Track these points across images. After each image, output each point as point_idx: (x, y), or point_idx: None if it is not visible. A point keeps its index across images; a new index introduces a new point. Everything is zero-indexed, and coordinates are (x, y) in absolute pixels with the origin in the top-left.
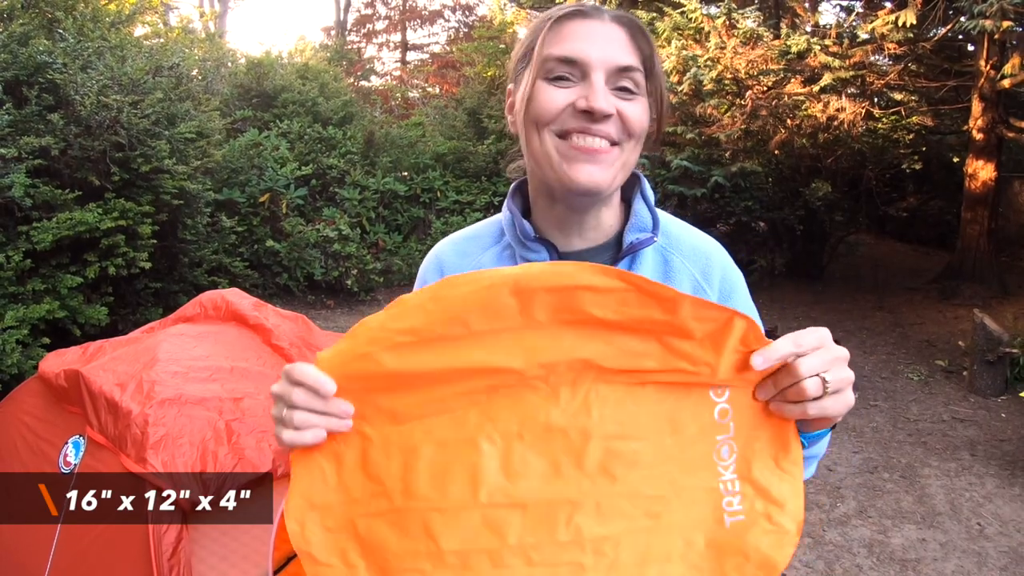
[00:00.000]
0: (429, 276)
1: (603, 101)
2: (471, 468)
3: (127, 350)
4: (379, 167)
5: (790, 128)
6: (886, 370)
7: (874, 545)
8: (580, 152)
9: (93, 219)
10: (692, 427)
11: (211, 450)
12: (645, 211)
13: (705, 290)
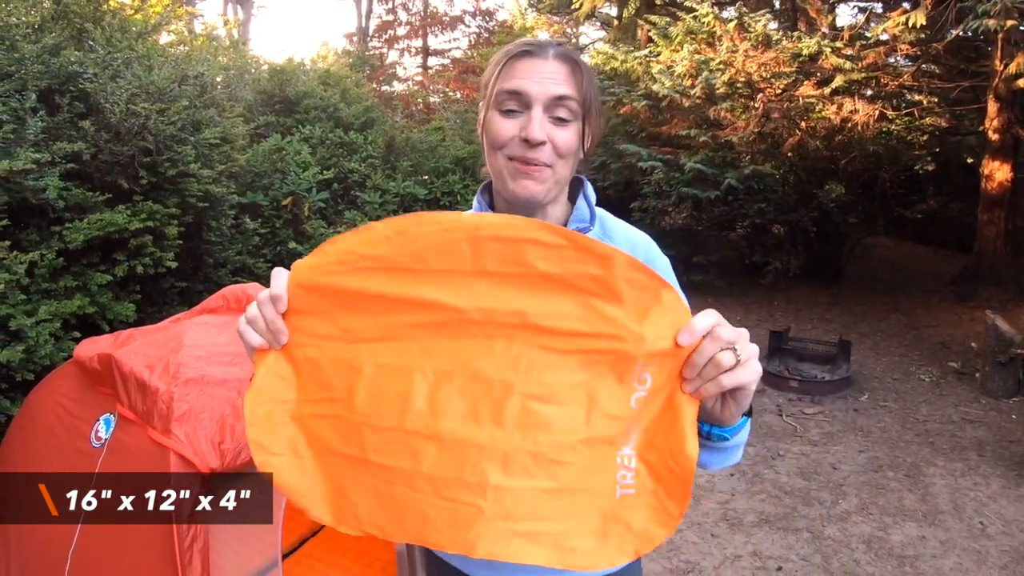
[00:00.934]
0: None
1: (538, 132)
2: (402, 395)
3: (156, 336)
4: (399, 171)
5: (804, 130)
6: (898, 371)
7: (873, 541)
8: (521, 172)
9: (122, 220)
10: (608, 406)
11: (229, 424)
12: (585, 207)
13: None
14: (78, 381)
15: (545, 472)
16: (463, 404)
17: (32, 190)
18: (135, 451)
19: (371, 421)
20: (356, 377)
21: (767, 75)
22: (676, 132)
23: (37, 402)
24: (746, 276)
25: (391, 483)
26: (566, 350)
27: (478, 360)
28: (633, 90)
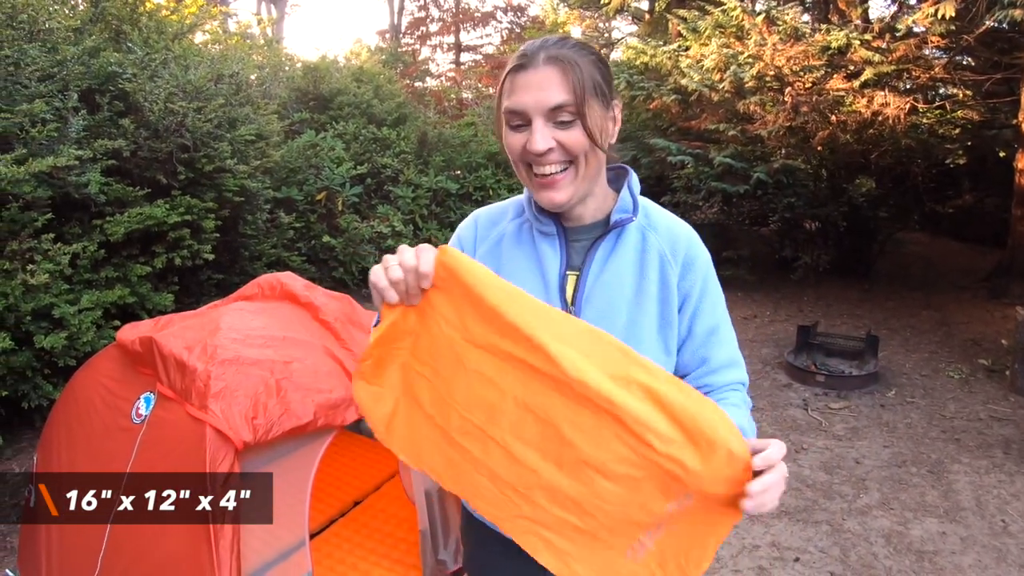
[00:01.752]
0: (465, 231)
1: (540, 143)
2: (492, 406)
3: (194, 321)
4: (432, 166)
5: (834, 124)
6: (927, 368)
7: (892, 536)
8: (541, 184)
9: (161, 214)
10: (648, 501)
11: (262, 402)
12: (628, 198)
13: (670, 261)
14: (120, 363)
15: (577, 515)
16: (536, 438)
17: (74, 185)
18: (173, 426)
19: (461, 410)
20: (460, 370)
21: (796, 68)
22: (705, 126)
23: (80, 383)
24: (776, 271)
25: (460, 455)
26: (636, 450)
27: (562, 416)
28: (663, 84)
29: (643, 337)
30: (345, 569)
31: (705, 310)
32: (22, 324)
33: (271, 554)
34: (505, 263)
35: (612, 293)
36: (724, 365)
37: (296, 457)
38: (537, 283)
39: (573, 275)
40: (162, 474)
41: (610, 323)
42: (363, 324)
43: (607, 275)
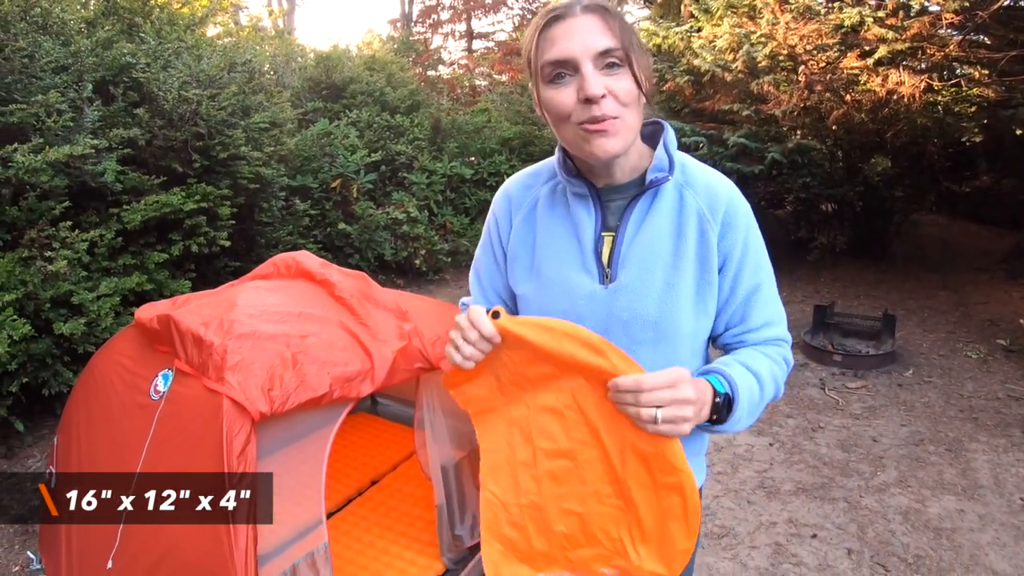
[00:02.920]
0: (499, 203)
1: (595, 87)
2: (544, 430)
3: (211, 299)
4: (446, 152)
5: (849, 103)
6: (944, 348)
7: (910, 513)
8: (594, 133)
9: (177, 201)
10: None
11: (278, 374)
12: (664, 155)
13: (709, 220)
14: (137, 342)
15: (556, 547)
16: (561, 471)
17: (91, 174)
18: (190, 401)
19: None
20: (529, 412)
21: (810, 47)
22: (719, 107)
23: (99, 364)
24: (792, 252)
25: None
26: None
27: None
28: (676, 66)
29: (680, 300)
30: (362, 547)
31: (747, 271)
32: (41, 311)
33: (289, 533)
34: (540, 227)
35: (648, 255)
36: (765, 323)
37: (312, 433)
38: (572, 246)
39: (609, 236)
40: (180, 454)
41: (646, 286)
42: (378, 300)
43: (643, 236)
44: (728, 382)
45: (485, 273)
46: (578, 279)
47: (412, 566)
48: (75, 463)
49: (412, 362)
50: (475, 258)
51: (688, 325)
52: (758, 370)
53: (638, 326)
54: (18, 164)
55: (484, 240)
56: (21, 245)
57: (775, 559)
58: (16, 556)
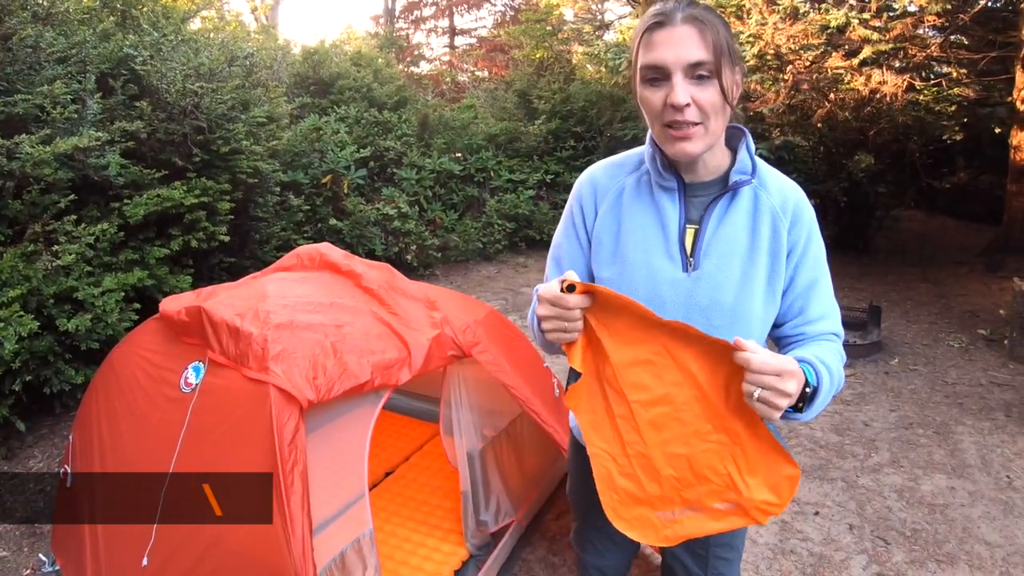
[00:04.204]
0: (584, 190)
1: (681, 96)
2: (635, 383)
3: (239, 291)
4: (434, 148)
5: (833, 102)
6: (928, 337)
7: (904, 491)
8: (676, 137)
9: (179, 196)
10: (708, 491)
11: (320, 363)
12: (747, 159)
13: (780, 216)
14: (162, 336)
15: (647, 475)
16: (659, 416)
17: (94, 167)
18: (228, 391)
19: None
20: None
21: (796, 47)
22: None
23: (119, 359)
24: None
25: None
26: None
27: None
28: None
29: (754, 288)
30: (384, 536)
31: (808, 262)
32: (44, 308)
33: (332, 510)
34: (626, 215)
35: (728, 248)
36: (820, 316)
37: (353, 415)
38: (657, 234)
39: (692, 228)
40: (221, 445)
41: (725, 275)
42: (405, 291)
43: (724, 231)
44: (817, 375)
45: (567, 257)
46: (662, 265)
47: (436, 552)
48: (98, 461)
49: (445, 350)
50: (554, 245)
51: (759, 312)
52: (831, 366)
53: (716, 312)
54: (25, 156)
55: (566, 225)
56: (25, 240)
57: (783, 535)
58: (26, 559)
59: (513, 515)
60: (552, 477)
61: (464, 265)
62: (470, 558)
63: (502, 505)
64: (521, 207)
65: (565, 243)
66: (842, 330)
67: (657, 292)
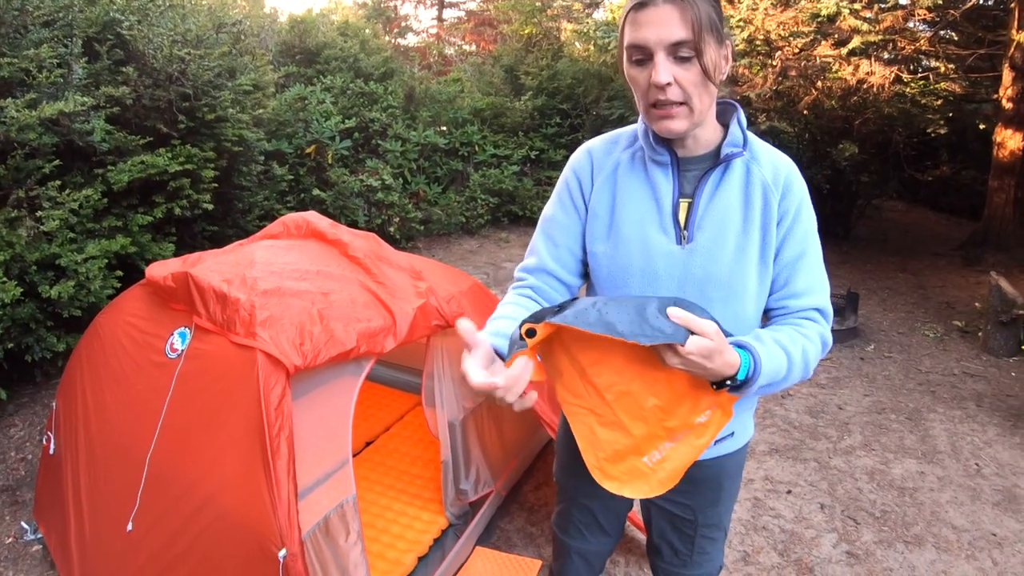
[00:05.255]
0: (581, 163)
1: (663, 76)
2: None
3: (226, 257)
4: (420, 121)
5: (820, 90)
6: (904, 326)
7: (875, 473)
8: (660, 115)
9: (163, 163)
10: (687, 409)
11: (307, 329)
12: (738, 132)
13: (772, 189)
14: (147, 302)
15: (630, 418)
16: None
17: (79, 133)
18: (215, 357)
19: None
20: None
21: (785, 34)
22: None
23: (104, 324)
24: None
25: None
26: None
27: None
28: None
29: (748, 262)
30: (365, 504)
31: (797, 234)
32: (27, 275)
33: (318, 476)
34: (621, 189)
35: (721, 221)
36: (805, 291)
37: (338, 383)
38: (651, 208)
39: (685, 202)
40: (207, 410)
41: (720, 248)
42: (391, 260)
43: (717, 203)
44: (755, 366)
45: (561, 232)
46: (657, 238)
47: (417, 521)
48: (82, 427)
49: (430, 319)
50: (545, 219)
51: (753, 284)
52: (791, 352)
53: (711, 285)
54: (10, 120)
55: (561, 199)
56: (8, 205)
57: (755, 512)
58: (8, 527)
59: (492, 485)
60: (531, 448)
61: (447, 239)
62: (449, 527)
63: (482, 475)
64: (505, 182)
65: (560, 216)
66: (829, 307)
67: (651, 265)
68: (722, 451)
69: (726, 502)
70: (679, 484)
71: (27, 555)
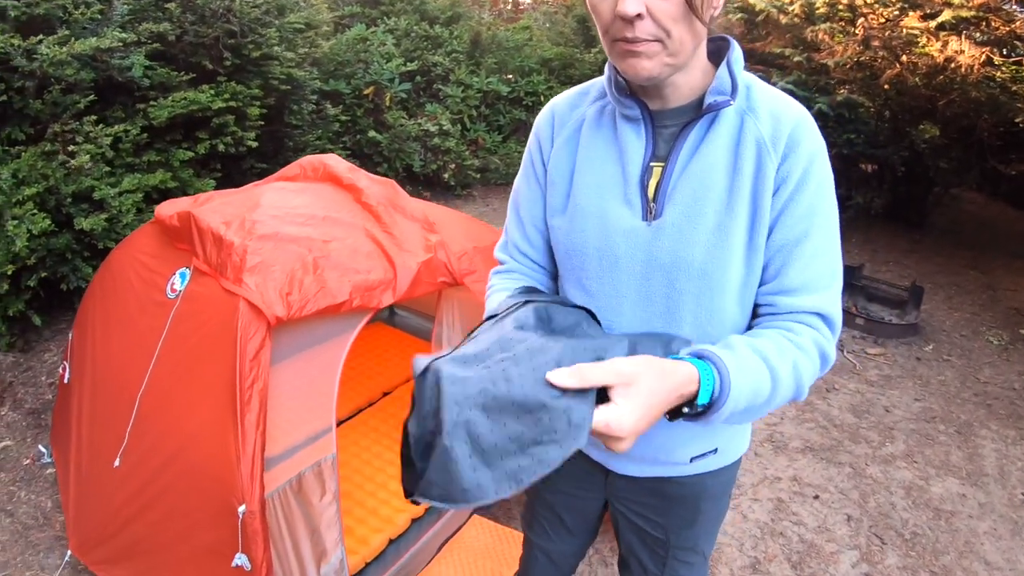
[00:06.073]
0: (542, 122)
1: (628, 6)
2: None
3: (234, 198)
4: (484, 67)
5: (904, 65)
6: (967, 329)
7: (913, 489)
8: (626, 51)
9: (206, 99)
10: None
11: (298, 278)
12: (726, 76)
13: (769, 150)
14: (157, 239)
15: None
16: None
17: (118, 69)
18: (207, 301)
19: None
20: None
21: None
22: (770, 50)
23: (117, 259)
24: None
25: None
26: None
27: None
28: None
29: (731, 246)
30: (370, 457)
31: (797, 209)
32: (63, 206)
33: (301, 437)
34: (582, 151)
35: (699, 191)
36: (802, 286)
37: (329, 340)
38: (616, 173)
39: (658, 166)
40: (193, 354)
41: (694, 227)
42: (405, 209)
43: (695, 168)
44: (721, 385)
45: (525, 202)
46: (617, 212)
47: None
48: (89, 360)
49: (436, 275)
50: (514, 187)
51: (737, 275)
52: (776, 366)
53: (682, 272)
54: (43, 56)
55: (525, 163)
56: (44, 139)
57: (775, 515)
58: (28, 449)
59: None
60: None
61: (504, 188)
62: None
63: None
64: None
65: (523, 185)
66: (837, 312)
67: (610, 245)
68: (702, 468)
69: (705, 525)
70: (649, 498)
71: (41, 477)
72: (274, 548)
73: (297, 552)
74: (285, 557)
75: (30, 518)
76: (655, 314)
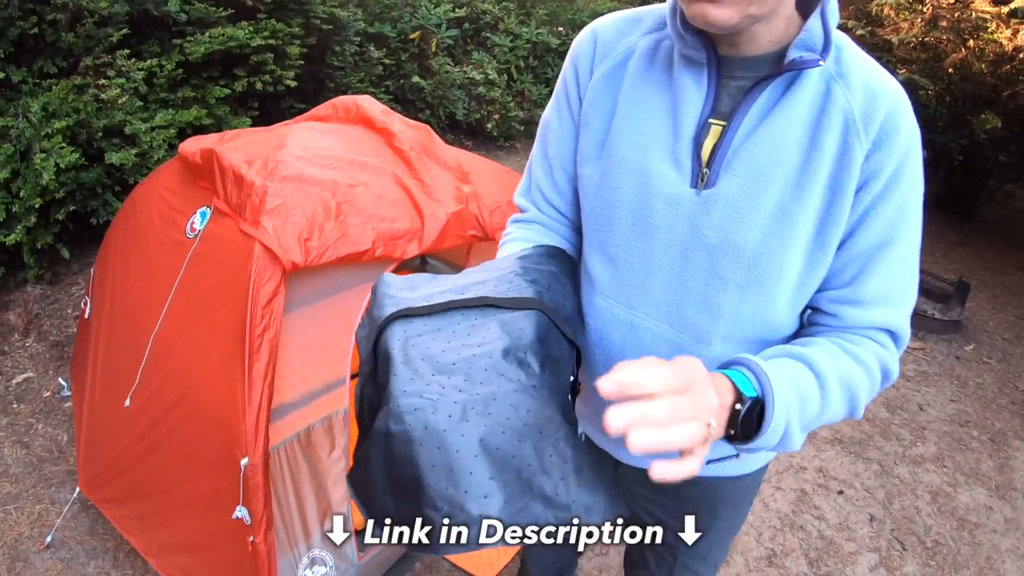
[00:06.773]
0: (582, 47)
1: None
2: None
3: (260, 136)
4: (534, 18)
5: (970, 49)
6: (1011, 331)
7: (939, 495)
8: None
9: (244, 36)
10: None
11: (319, 223)
12: (819, 30)
13: (858, 130)
14: (180, 176)
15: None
16: None
17: (154, 2)
18: (224, 242)
19: None
20: None
21: None
22: None
23: (141, 195)
24: None
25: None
26: None
27: None
28: None
29: (794, 235)
30: None
31: (887, 210)
32: (94, 140)
33: (319, 383)
34: (627, 91)
35: (766, 162)
36: (876, 299)
37: (349, 292)
38: (665, 125)
39: (718, 126)
40: (207, 296)
41: (752, 204)
42: (439, 156)
43: (764, 134)
44: (762, 389)
45: (555, 140)
46: (662, 172)
47: None
48: (108, 296)
49: (466, 228)
50: (542, 122)
51: (795, 271)
52: (827, 379)
53: (728, 257)
54: None
55: (557, 92)
56: (77, 73)
57: (797, 506)
58: (49, 381)
59: None
60: None
61: None
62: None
63: None
64: None
65: (555, 121)
66: (906, 328)
67: (646, 210)
68: (722, 472)
69: (720, 532)
70: (661, 496)
71: (60, 410)
72: (277, 502)
73: (301, 507)
74: (288, 512)
75: (45, 451)
76: (689, 301)
